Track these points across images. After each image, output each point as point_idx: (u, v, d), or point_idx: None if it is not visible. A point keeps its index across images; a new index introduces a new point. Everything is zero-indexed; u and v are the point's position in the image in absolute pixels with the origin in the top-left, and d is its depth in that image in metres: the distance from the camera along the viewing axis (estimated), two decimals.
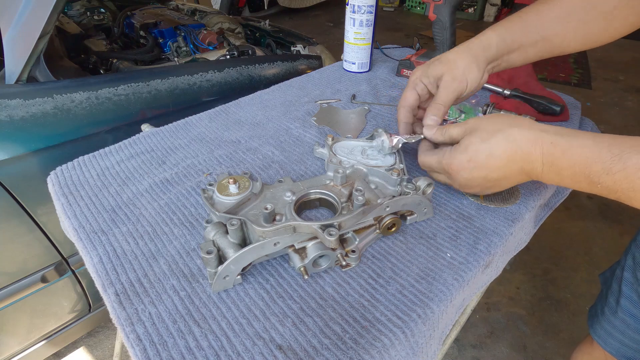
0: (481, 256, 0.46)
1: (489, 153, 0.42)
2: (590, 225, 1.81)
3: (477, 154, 0.43)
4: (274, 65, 1.17)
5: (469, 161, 0.44)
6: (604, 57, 3.62)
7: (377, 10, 0.86)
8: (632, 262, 0.60)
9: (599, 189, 0.36)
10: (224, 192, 0.46)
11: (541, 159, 0.39)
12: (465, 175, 0.45)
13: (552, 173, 0.39)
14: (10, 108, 0.79)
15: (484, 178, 0.44)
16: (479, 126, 0.44)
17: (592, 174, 0.36)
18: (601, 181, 0.35)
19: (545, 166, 0.39)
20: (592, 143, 0.36)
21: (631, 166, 0.33)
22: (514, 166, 0.42)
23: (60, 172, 0.61)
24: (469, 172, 0.44)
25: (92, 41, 1.44)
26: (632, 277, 0.59)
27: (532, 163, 0.40)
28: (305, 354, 0.36)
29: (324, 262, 0.44)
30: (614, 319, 0.62)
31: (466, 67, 0.51)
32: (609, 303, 0.64)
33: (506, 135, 0.41)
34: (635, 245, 0.61)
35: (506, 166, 0.42)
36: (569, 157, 0.37)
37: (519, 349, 1.30)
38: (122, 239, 0.48)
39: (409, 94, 0.55)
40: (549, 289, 1.51)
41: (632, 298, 0.59)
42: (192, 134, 0.71)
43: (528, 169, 0.41)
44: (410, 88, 0.55)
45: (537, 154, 0.39)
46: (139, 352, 0.36)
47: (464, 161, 0.44)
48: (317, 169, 0.61)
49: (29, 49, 0.81)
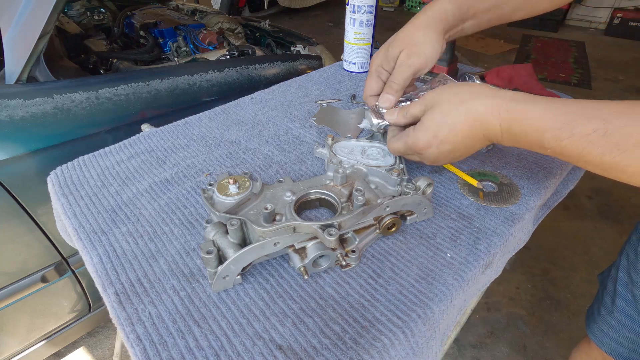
0: (481, 256, 0.46)
1: (452, 127, 0.43)
2: (589, 224, 1.81)
3: (439, 129, 0.44)
4: (274, 65, 1.17)
5: (434, 137, 0.44)
6: (604, 57, 3.62)
7: (377, 10, 0.86)
8: (627, 262, 0.60)
9: (548, 152, 0.39)
10: (224, 192, 0.46)
11: (499, 125, 0.41)
12: (433, 151, 0.45)
13: (509, 137, 0.41)
14: (10, 108, 0.79)
15: (450, 151, 0.45)
16: (438, 100, 0.45)
17: (543, 140, 0.38)
18: (550, 147, 0.37)
19: (504, 132, 0.41)
20: (543, 110, 0.38)
21: (577, 134, 0.35)
22: (477, 134, 0.43)
23: (60, 172, 0.61)
24: (436, 147, 0.45)
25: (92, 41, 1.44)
26: (627, 277, 0.59)
27: (491, 129, 0.42)
28: (305, 354, 0.36)
29: (324, 262, 0.44)
30: (610, 318, 0.62)
31: (423, 40, 0.50)
32: (604, 303, 0.64)
33: (466, 108, 0.42)
34: (629, 245, 0.61)
35: (469, 136, 0.43)
36: (522, 124, 0.39)
37: (519, 349, 1.30)
38: (122, 239, 0.48)
39: (373, 82, 0.54)
40: (549, 289, 1.51)
41: (627, 298, 0.59)
42: (192, 134, 0.71)
43: (489, 135, 0.42)
44: (373, 77, 0.54)
45: (495, 121, 0.41)
46: (139, 352, 0.36)
47: (430, 138, 0.45)
48: (317, 169, 0.61)
49: (29, 49, 0.81)
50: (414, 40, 0.51)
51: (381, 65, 0.53)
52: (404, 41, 0.51)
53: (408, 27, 0.52)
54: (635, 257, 0.58)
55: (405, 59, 0.51)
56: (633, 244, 0.60)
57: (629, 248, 0.61)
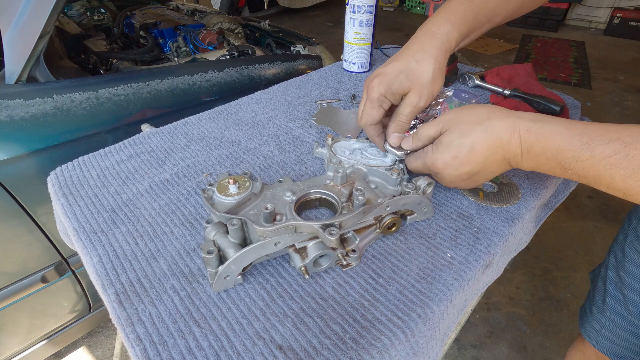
0: (481, 256, 0.46)
1: (471, 148, 0.42)
2: (590, 225, 1.81)
3: (459, 149, 0.43)
4: (274, 65, 1.17)
5: (454, 158, 0.43)
6: (604, 57, 3.62)
7: (377, 10, 0.86)
8: (615, 261, 0.61)
9: (569, 175, 0.38)
10: (224, 192, 0.46)
11: (519, 146, 0.40)
12: (452, 172, 0.45)
13: (530, 159, 0.40)
14: (10, 108, 0.79)
15: (469, 172, 0.44)
16: (455, 120, 0.44)
17: (564, 160, 0.37)
18: (571, 167, 0.37)
19: (524, 153, 0.40)
20: (564, 130, 0.37)
21: (598, 155, 0.35)
22: (497, 156, 0.42)
23: (60, 172, 0.61)
24: (454, 169, 0.44)
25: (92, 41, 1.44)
26: (616, 276, 0.60)
27: (512, 151, 0.41)
28: (306, 354, 0.36)
29: (324, 261, 0.44)
30: (602, 317, 0.62)
31: (432, 81, 0.48)
32: (596, 302, 0.64)
33: (485, 127, 0.42)
34: (616, 244, 0.61)
35: (489, 157, 0.42)
36: (543, 143, 0.38)
37: (519, 349, 1.30)
38: (122, 239, 0.48)
39: (375, 112, 0.50)
40: (549, 289, 1.51)
41: (617, 297, 0.60)
42: (192, 134, 0.71)
43: (509, 157, 0.42)
44: (375, 106, 0.50)
45: (516, 141, 0.40)
46: (139, 352, 0.36)
47: (448, 159, 0.44)
48: (317, 169, 0.61)
49: (29, 49, 0.81)
50: (425, 79, 0.47)
51: (385, 96, 0.49)
52: (413, 80, 0.47)
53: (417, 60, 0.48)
54: (623, 256, 0.58)
55: (416, 101, 0.48)
56: (620, 242, 0.60)
57: (616, 247, 0.61)
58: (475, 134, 0.42)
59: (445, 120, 0.45)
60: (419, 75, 0.47)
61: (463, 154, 0.43)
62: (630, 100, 2.92)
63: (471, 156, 0.43)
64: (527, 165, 0.42)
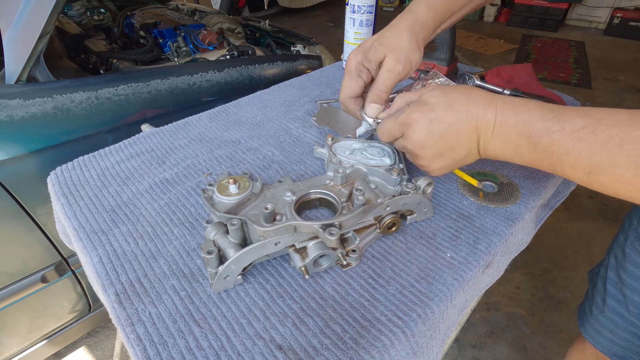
0: (481, 256, 0.46)
1: (450, 105, 0.41)
2: (590, 225, 1.81)
3: (438, 104, 0.42)
4: (274, 65, 1.17)
5: (431, 110, 0.42)
6: (604, 57, 3.62)
7: (377, 10, 0.86)
8: (615, 262, 0.60)
9: (536, 152, 0.37)
10: (224, 192, 0.46)
11: (494, 117, 0.40)
12: (425, 126, 0.42)
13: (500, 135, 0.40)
14: (10, 108, 0.79)
15: (441, 133, 0.42)
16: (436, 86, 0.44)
17: (534, 132, 0.37)
18: (541, 141, 0.37)
19: (497, 125, 0.40)
20: (538, 105, 0.38)
21: (568, 127, 0.35)
22: (471, 123, 0.41)
23: (60, 172, 0.61)
24: (429, 122, 0.42)
25: (92, 41, 1.44)
26: (616, 276, 0.60)
27: (487, 120, 0.40)
28: (306, 354, 0.36)
29: (324, 261, 0.44)
30: (602, 317, 0.62)
31: (409, 47, 0.48)
32: (596, 302, 0.64)
33: (467, 92, 0.42)
34: (617, 244, 0.61)
35: (464, 122, 0.41)
36: (518, 114, 0.38)
37: (519, 349, 1.30)
38: (122, 239, 0.48)
39: (353, 83, 0.50)
40: (549, 289, 1.51)
41: (617, 297, 0.60)
42: (192, 134, 0.71)
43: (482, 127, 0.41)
44: (353, 76, 0.50)
45: (492, 110, 0.40)
46: (139, 352, 0.36)
47: (425, 110, 0.42)
48: (317, 169, 0.61)
49: (29, 49, 0.81)
50: (401, 45, 0.48)
51: (362, 64, 0.49)
52: (389, 45, 0.48)
53: (391, 31, 0.49)
54: (623, 256, 0.58)
55: (392, 65, 0.48)
56: (620, 243, 0.60)
57: (616, 247, 0.61)
58: (456, 95, 0.42)
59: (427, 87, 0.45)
60: (393, 41, 0.48)
61: (441, 109, 0.42)
62: (630, 100, 2.92)
63: (448, 113, 0.41)
64: (494, 144, 0.40)
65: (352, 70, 0.49)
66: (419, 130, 0.43)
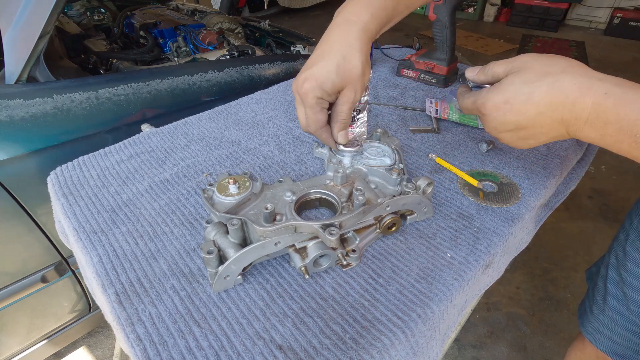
0: (481, 256, 0.46)
1: (528, 97, 0.38)
2: (590, 225, 1.81)
3: (515, 95, 0.39)
4: (274, 65, 1.17)
5: (505, 102, 0.40)
6: (603, 57, 3.62)
7: None
8: (616, 261, 0.60)
9: (637, 150, 0.34)
10: (224, 192, 0.46)
11: (588, 109, 0.36)
12: (498, 118, 0.41)
13: (596, 127, 0.36)
14: (10, 108, 0.79)
15: (516, 123, 0.40)
16: (526, 65, 0.40)
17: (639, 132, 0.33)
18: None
19: (591, 118, 0.36)
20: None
21: None
22: (554, 115, 0.38)
23: (60, 172, 0.61)
24: (502, 114, 0.40)
25: (92, 41, 1.44)
26: (617, 276, 0.60)
27: (575, 114, 0.36)
28: (305, 354, 0.36)
29: (324, 261, 0.44)
30: (602, 317, 0.62)
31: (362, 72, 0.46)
32: (596, 301, 0.64)
33: (554, 80, 0.37)
34: (617, 243, 0.61)
35: (544, 114, 0.38)
36: (620, 110, 0.34)
37: (519, 349, 1.30)
38: (122, 239, 0.48)
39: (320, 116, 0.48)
40: (549, 289, 1.50)
41: (618, 296, 0.59)
42: (192, 134, 0.71)
43: (569, 119, 0.37)
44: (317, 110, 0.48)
45: (586, 103, 0.36)
46: (139, 352, 0.36)
47: (499, 102, 0.40)
48: (317, 169, 0.61)
49: (29, 49, 0.81)
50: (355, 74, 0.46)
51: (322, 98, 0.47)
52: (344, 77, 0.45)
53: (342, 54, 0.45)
54: (624, 255, 0.58)
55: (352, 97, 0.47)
56: (621, 242, 0.60)
57: (617, 246, 0.61)
58: (538, 84, 0.38)
59: (518, 61, 0.41)
60: (349, 72, 0.45)
61: (517, 101, 0.39)
62: None
63: (525, 106, 0.39)
64: (587, 134, 0.37)
65: (314, 106, 0.47)
66: (492, 121, 0.42)
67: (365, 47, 0.46)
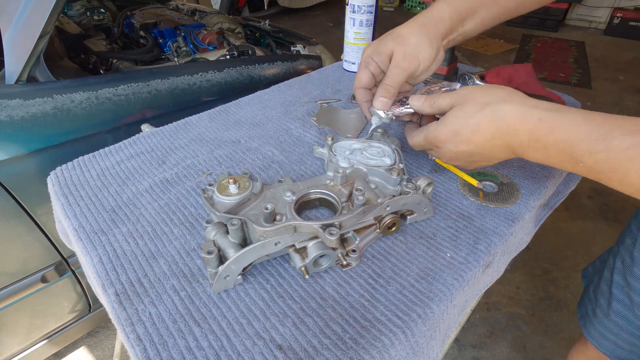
0: (481, 256, 0.46)
1: (475, 128, 0.41)
2: (590, 225, 1.81)
3: (462, 128, 0.42)
4: (274, 65, 1.17)
5: (455, 135, 0.43)
6: (604, 57, 3.62)
7: (377, 10, 0.86)
8: (622, 265, 0.59)
9: (579, 168, 0.36)
10: (224, 192, 0.46)
11: (528, 135, 0.38)
12: (451, 148, 0.44)
13: (538, 150, 0.39)
14: (10, 108, 0.79)
15: (468, 152, 0.43)
16: (467, 98, 0.43)
17: (576, 152, 0.35)
18: (584, 160, 0.35)
19: (531, 142, 0.38)
20: (581, 120, 0.35)
21: (614, 147, 0.33)
22: (499, 142, 0.41)
23: (60, 172, 0.61)
24: (454, 145, 0.44)
25: (92, 41, 1.44)
26: (623, 281, 0.59)
27: (518, 139, 0.39)
28: (306, 354, 0.36)
29: (324, 261, 0.44)
30: (606, 321, 0.62)
31: (417, 43, 0.48)
32: (600, 305, 0.63)
33: (494, 110, 0.40)
34: (623, 248, 0.60)
35: (490, 141, 0.41)
36: (557, 134, 0.36)
37: (519, 349, 1.30)
38: (122, 239, 0.48)
39: (362, 74, 0.52)
40: (549, 289, 1.50)
41: (623, 301, 0.59)
42: (192, 134, 0.71)
43: (514, 144, 0.40)
44: (362, 67, 0.52)
45: (524, 129, 0.38)
46: (139, 352, 0.36)
47: (449, 134, 0.43)
48: (317, 169, 0.61)
49: (29, 49, 0.81)
50: (408, 41, 0.48)
51: (371, 57, 0.50)
52: (397, 40, 0.49)
53: (402, 29, 0.50)
54: (632, 260, 0.57)
55: (400, 61, 0.49)
56: (628, 247, 0.59)
57: (623, 251, 0.60)
58: (481, 116, 0.41)
59: (459, 95, 0.44)
60: (403, 37, 0.48)
61: (465, 133, 0.42)
62: (630, 100, 2.92)
63: (473, 137, 0.42)
64: (533, 155, 0.40)
65: (362, 62, 0.51)
66: (447, 153, 0.45)
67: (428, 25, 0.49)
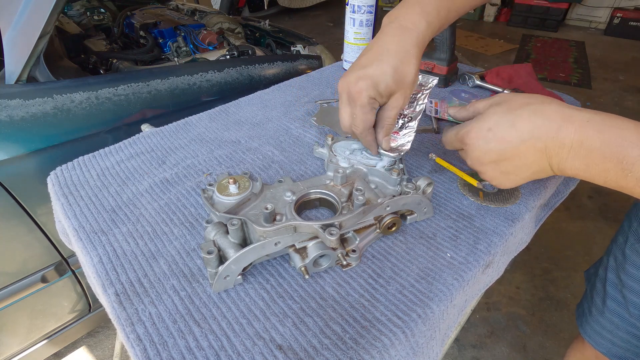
0: (481, 256, 0.46)
1: (512, 123, 0.38)
2: (590, 225, 1.81)
3: (498, 123, 0.39)
4: (274, 65, 1.17)
5: (489, 130, 0.40)
6: (604, 57, 3.62)
7: (377, 10, 0.86)
8: (615, 263, 0.60)
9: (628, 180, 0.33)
10: (224, 192, 0.46)
11: (571, 136, 0.35)
12: (481, 146, 0.41)
13: (580, 156, 0.35)
14: (10, 108, 0.79)
15: (499, 152, 0.40)
16: (506, 98, 0.41)
17: (626, 158, 0.32)
18: (634, 169, 0.32)
19: (575, 146, 0.35)
20: (632, 126, 0.32)
21: None
22: (537, 144, 0.37)
23: (60, 172, 0.61)
24: (485, 142, 0.40)
25: (92, 41, 1.44)
26: (616, 278, 0.59)
27: (559, 142, 0.36)
28: (306, 354, 0.36)
29: (324, 261, 0.44)
30: (602, 319, 0.62)
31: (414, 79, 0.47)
32: (595, 303, 0.64)
33: (535, 108, 0.38)
34: (616, 246, 0.61)
35: (527, 142, 0.38)
36: (604, 136, 0.33)
37: (519, 349, 1.30)
38: (122, 239, 0.48)
39: (369, 116, 0.48)
40: (549, 289, 1.50)
41: (617, 299, 0.59)
42: (192, 134, 0.71)
43: (552, 148, 0.37)
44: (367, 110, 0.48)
45: (569, 130, 0.35)
46: (139, 352, 0.36)
47: (483, 129, 0.40)
48: (317, 169, 0.61)
49: (29, 49, 0.81)
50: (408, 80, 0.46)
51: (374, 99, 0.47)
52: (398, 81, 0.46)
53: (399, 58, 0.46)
54: (624, 258, 0.58)
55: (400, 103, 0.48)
56: (620, 245, 0.60)
57: (616, 249, 0.61)
58: (521, 112, 0.38)
59: (498, 96, 0.43)
60: (403, 77, 0.46)
61: (501, 128, 0.39)
62: (630, 100, 2.92)
63: (508, 133, 0.38)
64: (572, 164, 0.36)
65: (366, 105, 0.47)
66: (475, 151, 0.42)
67: (419, 55, 0.47)
